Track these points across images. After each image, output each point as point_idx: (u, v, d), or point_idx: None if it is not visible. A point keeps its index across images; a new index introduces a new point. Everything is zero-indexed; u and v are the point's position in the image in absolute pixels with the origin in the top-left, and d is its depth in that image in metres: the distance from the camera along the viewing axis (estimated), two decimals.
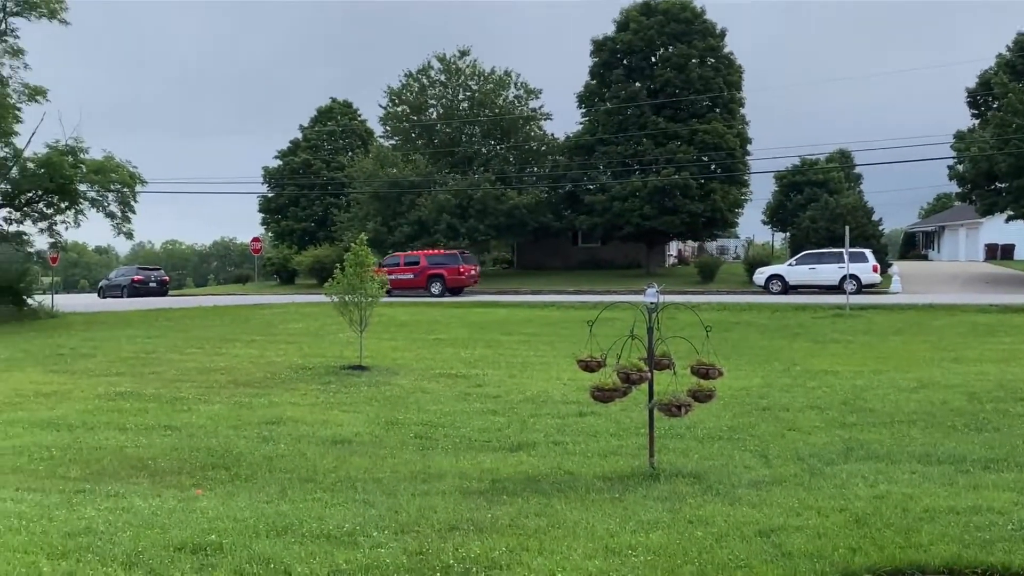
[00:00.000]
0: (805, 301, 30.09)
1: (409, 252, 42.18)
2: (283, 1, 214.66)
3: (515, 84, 54.38)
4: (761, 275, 38.13)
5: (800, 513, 6.84)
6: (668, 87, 47.25)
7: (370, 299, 17.05)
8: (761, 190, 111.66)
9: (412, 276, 40.16)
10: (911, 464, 8.62)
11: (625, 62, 48.99)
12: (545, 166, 53.68)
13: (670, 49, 47.92)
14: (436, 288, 39.43)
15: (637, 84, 48.66)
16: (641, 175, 46.29)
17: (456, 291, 39.95)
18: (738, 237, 77.72)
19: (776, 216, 68.74)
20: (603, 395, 8.08)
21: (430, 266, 39.99)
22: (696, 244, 67.85)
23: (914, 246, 79.24)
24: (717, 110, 47.92)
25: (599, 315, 8.61)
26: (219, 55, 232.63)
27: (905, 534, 6.20)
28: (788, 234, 59.63)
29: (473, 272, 40.53)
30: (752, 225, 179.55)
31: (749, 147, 49.36)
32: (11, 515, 6.82)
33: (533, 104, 54.57)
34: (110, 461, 9.27)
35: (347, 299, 17.06)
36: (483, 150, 54.70)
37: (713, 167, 47.26)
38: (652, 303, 8.43)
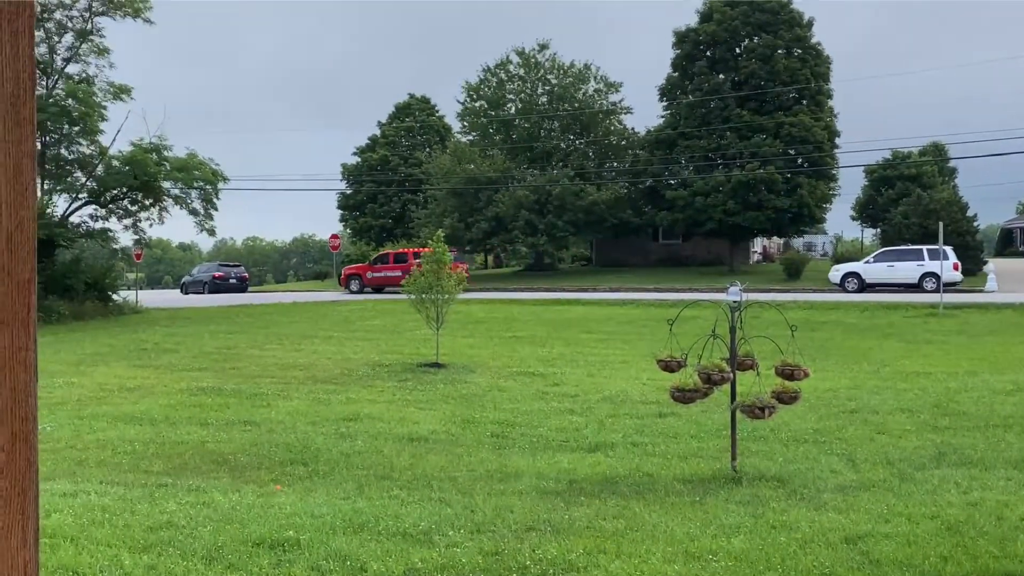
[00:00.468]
0: (896, 300, 29.36)
1: (398, 250, 42.73)
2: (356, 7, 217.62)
3: (595, 77, 54.25)
4: (837, 273, 37.25)
5: (889, 520, 6.67)
6: (753, 79, 46.55)
7: (447, 296, 17.19)
8: (850, 185, 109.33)
9: (400, 273, 40.85)
10: (1006, 470, 8.34)
11: (708, 53, 48.45)
12: (625, 161, 53.42)
13: (755, 40, 47.22)
14: None
15: (721, 76, 48.06)
16: (724, 170, 45.73)
17: None
18: (826, 234, 76.26)
19: (866, 212, 67.18)
20: (683, 396, 8.01)
21: (417, 264, 40.52)
22: (782, 241, 66.70)
23: (1011, 243, 76.59)
24: (804, 102, 47.05)
25: (680, 313, 8.54)
26: (301, 52, 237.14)
27: (1000, 543, 6.01)
28: (879, 231, 58.25)
29: (461, 270, 41.15)
30: (841, 221, 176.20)
31: (837, 140, 48.35)
32: (95, 508, 7.06)
33: (613, 98, 54.41)
34: (191, 456, 9.53)
35: (424, 296, 17.22)
36: (562, 145, 54.65)
37: (800, 161, 46.43)
38: (735, 301, 8.32)
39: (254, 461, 9.29)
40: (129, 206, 31.94)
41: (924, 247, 31.59)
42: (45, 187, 31.02)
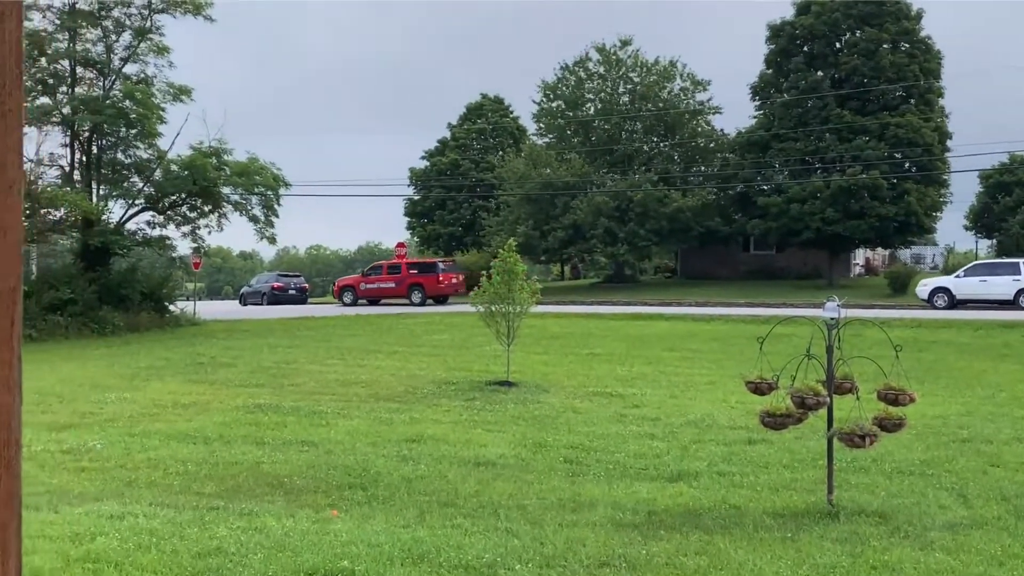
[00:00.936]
0: (1014, 318, 28.44)
1: (392, 260, 43.36)
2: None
3: (681, 75, 53.87)
4: (924, 288, 36.12)
5: (1004, 563, 6.42)
6: (855, 76, 45.71)
7: (519, 309, 17.14)
8: (963, 191, 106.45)
9: (394, 285, 43.16)
10: None
11: (806, 49, 47.77)
12: (713, 165, 52.89)
13: (857, 33, 46.41)
14: (416, 297, 42.28)
15: (819, 73, 47.33)
16: (823, 174, 44.96)
17: (439, 299, 42.63)
18: (936, 244, 74.28)
19: (981, 221, 65.26)
20: (774, 421, 7.83)
21: (411, 275, 42.65)
22: (887, 252, 65.22)
23: None
24: (912, 101, 46.04)
25: (771, 330, 8.35)
26: (368, 51, 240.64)
27: None
28: (994, 241, 56.60)
29: (455, 280, 42.57)
30: (953, 231, 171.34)
31: (949, 143, 47.15)
32: (143, 532, 7.16)
33: (701, 97, 53.97)
34: (245, 477, 9.63)
35: (494, 309, 17.20)
36: (645, 148, 54.35)
37: (907, 165, 45.39)
38: (832, 318, 8.10)
39: (310, 484, 9.35)
40: (188, 212, 32.62)
41: (1021, 260, 30.46)
42: (100, 192, 31.90)
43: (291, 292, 51.90)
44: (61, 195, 28.26)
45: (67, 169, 32.08)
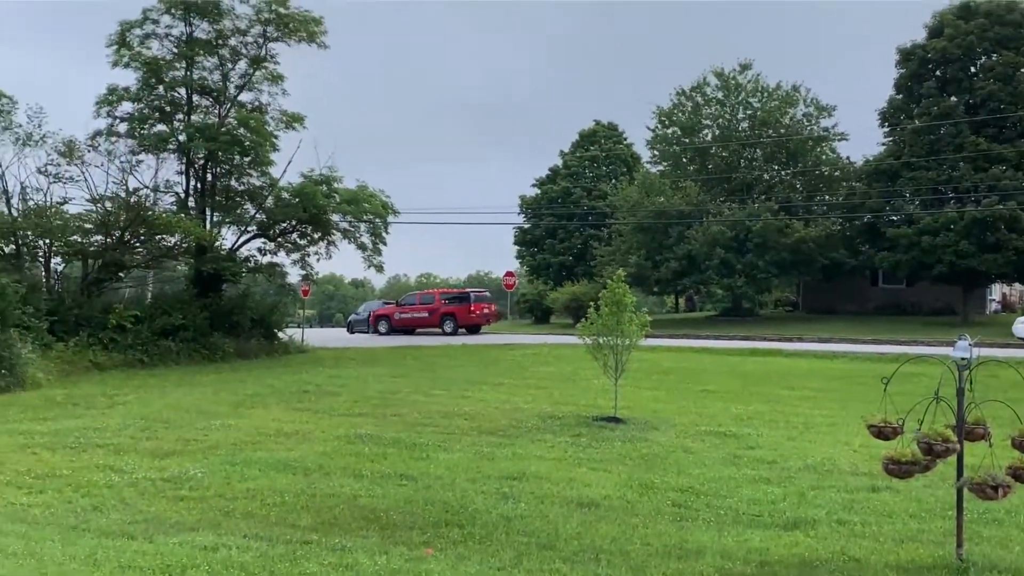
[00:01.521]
0: None
1: (424, 291, 44.28)
2: (546, 18, 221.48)
3: (804, 100, 52.97)
4: (1021, 325, 35.51)
5: None
6: (991, 101, 44.16)
7: (627, 342, 16.91)
8: None
9: (427, 314, 45.21)
10: None
11: (938, 73, 46.43)
12: (838, 194, 51.59)
13: (994, 57, 44.93)
14: (448, 326, 44.38)
15: (953, 99, 45.89)
16: (957, 204, 43.51)
17: (471, 329, 44.67)
18: None
19: None
20: (899, 468, 7.44)
21: (443, 305, 44.74)
22: None
23: None
24: None
25: (897, 370, 7.98)
26: (478, 80, 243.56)
27: None
28: None
29: (486, 311, 45.01)
30: None
31: None
32: (234, 566, 7.20)
33: (825, 123, 52.95)
34: (342, 511, 9.63)
35: (601, 341, 17.00)
36: (765, 176, 53.46)
37: None
38: (963, 358, 7.69)
39: (407, 519, 9.30)
40: (298, 239, 33.38)
41: None
42: (213, 219, 32.87)
43: None
44: (176, 221, 29.16)
45: (182, 196, 33.20)
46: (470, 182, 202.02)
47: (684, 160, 55.95)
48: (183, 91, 33.16)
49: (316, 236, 33.07)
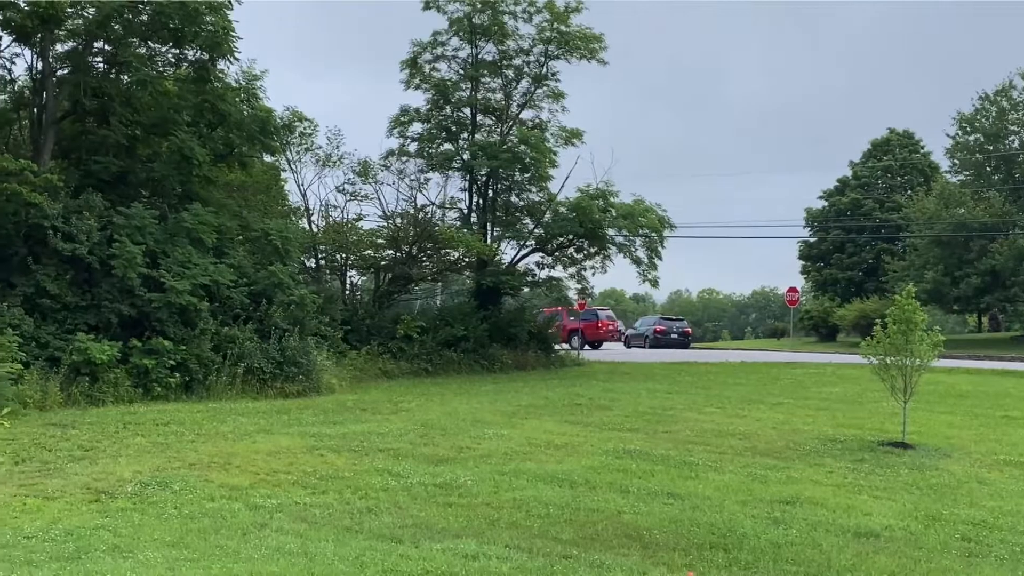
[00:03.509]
0: None
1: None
2: (836, 17, 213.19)
3: None
4: None
5: None
6: None
7: (918, 363, 15.80)
8: None
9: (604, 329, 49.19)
10: None
11: None
12: None
13: None
14: (576, 342, 45.70)
15: None
16: None
17: (594, 345, 47.49)
18: None
19: None
20: None
21: (570, 321, 45.68)
22: None
23: None
24: None
25: None
26: (758, 84, 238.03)
27: None
28: None
29: (611, 327, 47.75)
30: None
31: None
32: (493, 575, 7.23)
33: None
34: (604, 526, 9.52)
35: (888, 361, 15.99)
36: None
37: None
38: None
39: (670, 540, 9.05)
40: (574, 254, 33.77)
41: None
42: (494, 234, 33.87)
43: (673, 336, 52.19)
44: (459, 236, 30.30)
45: (465, 211, 34.47)
46: (751, 195, 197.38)
47: (988, 169, 52.24)
48: (468, 111, 34.48)
49: (592, 250, 33.31)
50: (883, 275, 56.69)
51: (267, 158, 30.43)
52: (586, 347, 45.70)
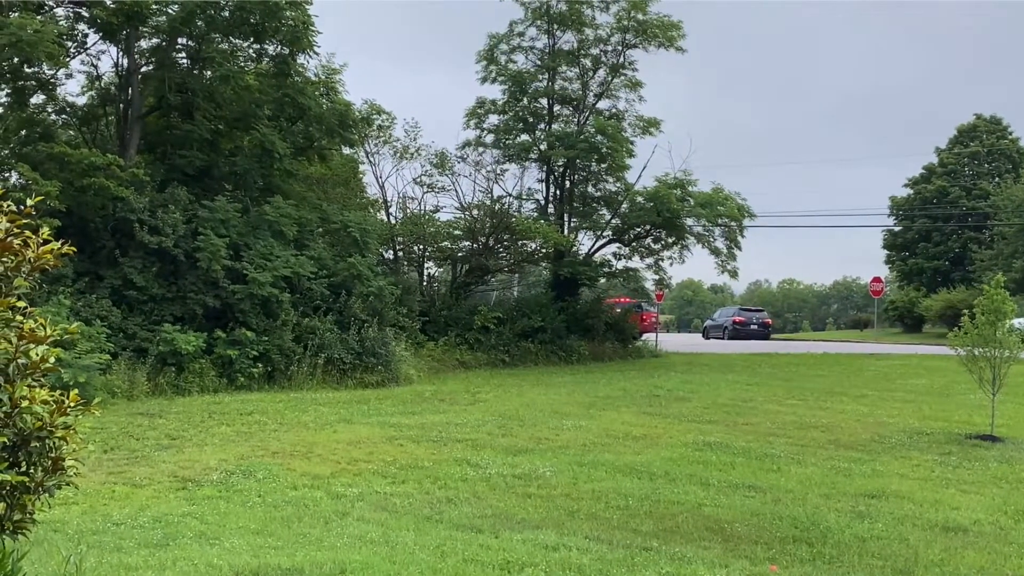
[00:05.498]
0: None
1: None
2: (937, 13, 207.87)
3: None
4: None
5: None
6: None
7: (1007, 354, 15.38)
8: None
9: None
10: None
11: None
12: None
13: None
14: None
15: None
16: None
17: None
18: None
19: None
20: None
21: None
22: None
23: None
24: None
25: None
26: (850, 76, 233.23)
27: None
28: None
29: (655, 320, 46.30)
30: None
31: None
32: (571, 567, 7.24)
33: None
34: (684, 518, 9.46)
35: (976, 353, 15.59)
36: None
37: None
38: None
39: (752, 533, 8.95)
40: (651, 244, 33.52)
41: None
42: (571, 224, 33.80)
43: (752, 327, 51.56)
44: (536, 227, 30.27)
45: (542, 202, 34.45)
46: (834, 183, 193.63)
47: None
48: (544, 102, 34.42)
49: (670, 241, 33.02)
50: (970, 264, 55.35)
51: (346, 151, 30.82)
52: None
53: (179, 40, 23.98)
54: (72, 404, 4.70)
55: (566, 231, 33.03)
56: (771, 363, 29.35)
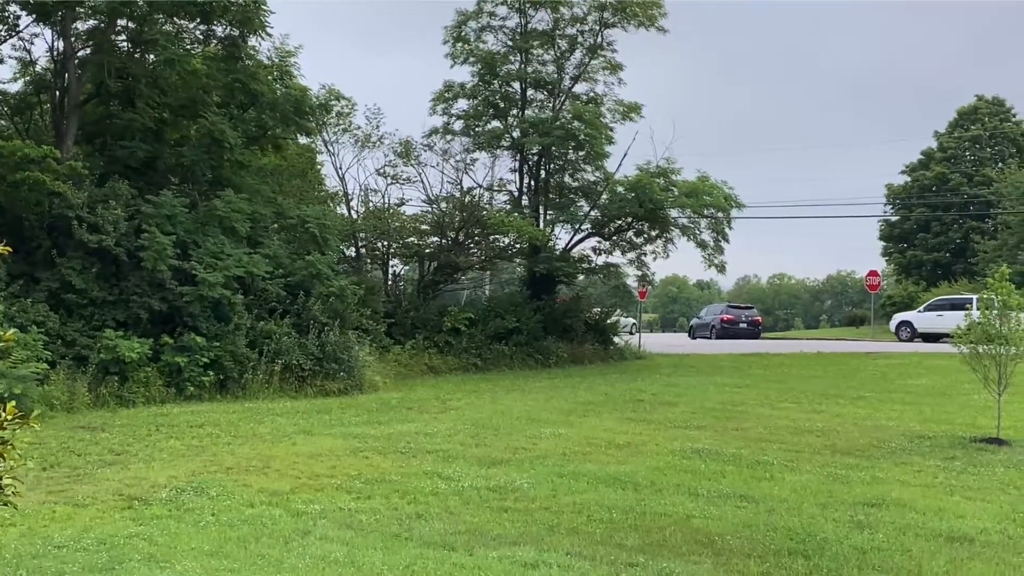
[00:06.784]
0: None
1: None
2: None
3: None
4: (893, 321, 44.59)
5: None
6: None
7: (1013, 351, 15.55)
8: None
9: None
10: None
11: None
12: None
13: None
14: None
15: None
16: None
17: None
18: None
19: None
20: None
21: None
22: None
23: None
24: None
25: None
26: (841, 57, 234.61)
27: None
28: None
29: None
30: None
31: None
32: None
33: None
34: (672, 531, 9.49)
35: (980, 350, 15.75)
36: None
37: None
38: None
39: (744, 546, 9.01)
40: (633, 237, 33.62)
41: (975, 297, 26.22)
42: (547, 217, 33.85)
43: (742, 325, 51.89)
44: (509, 220, 30.23)
45: (515, 194, 34.51)
46: (828, 171, 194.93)
47: None
48: (517, 85, 34.46)
49: (653, 234, 33.15)
50: (973, 256, 55.87)
51: (302, 140, 30.71)
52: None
53: (119, 21, 23.74)
54: (9, 418, 4.66)
55: (542, 224, 33.08)
56: (762, 364, 29.53)
